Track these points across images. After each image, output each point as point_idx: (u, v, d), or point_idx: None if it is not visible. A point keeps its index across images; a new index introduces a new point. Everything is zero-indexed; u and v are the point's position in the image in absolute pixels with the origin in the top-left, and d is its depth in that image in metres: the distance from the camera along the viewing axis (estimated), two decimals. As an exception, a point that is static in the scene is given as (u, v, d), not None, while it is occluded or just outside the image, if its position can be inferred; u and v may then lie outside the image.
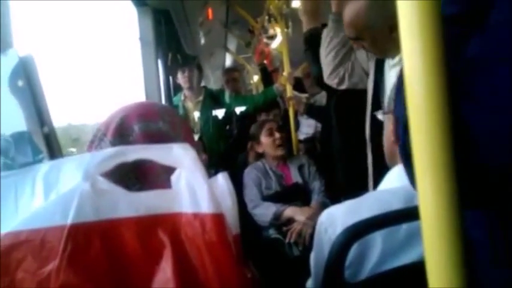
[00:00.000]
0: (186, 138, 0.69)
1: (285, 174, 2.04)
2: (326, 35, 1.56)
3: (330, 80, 1.61)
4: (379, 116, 0.95)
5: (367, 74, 1.51)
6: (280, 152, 2.05)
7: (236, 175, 2.08)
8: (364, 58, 1.53)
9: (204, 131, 2.63)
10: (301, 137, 2.59)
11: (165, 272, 0.48)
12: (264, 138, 2.08)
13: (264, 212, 1.87)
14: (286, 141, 2.10)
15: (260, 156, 2.15)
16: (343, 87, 1.59)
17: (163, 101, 2.75)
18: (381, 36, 1.19)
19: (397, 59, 1.26)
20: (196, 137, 1.94)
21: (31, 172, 0.56)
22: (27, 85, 0.82)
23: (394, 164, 0.83)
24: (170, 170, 0.55)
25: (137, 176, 0.62)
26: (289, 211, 1.84)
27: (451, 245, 0.35)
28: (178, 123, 0.70)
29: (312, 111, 2.46)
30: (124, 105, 0.70)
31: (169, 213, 0.52)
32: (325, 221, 0.79)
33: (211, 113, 2.68)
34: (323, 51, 1.58)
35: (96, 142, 0.66)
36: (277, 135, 2.06)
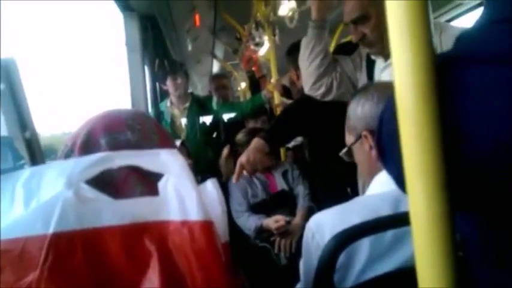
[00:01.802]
0: (162, 143, 0.65)
1: (269, 181, 2.03)
2: (307, 44, 1.46)
3: (313, 91, 1.48)
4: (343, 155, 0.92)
5: (353, 86, 1.46)
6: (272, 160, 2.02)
7: (224, 182, 2.05)
8: (350, 69, 1.47)
9: (191, 137, 2.60)
10: (290, 144, 2.58)
11: (151, 282, 0.46)
12: None
13: (245, 224, 1.88)
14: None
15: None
16: (329, 98, 1.47)
17: (149, 108, 2.72)
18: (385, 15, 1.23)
19: (388, 61, 1.26)
20: (178, 142, 1.90)
21: (11, 179, 0.54)
22: (8, 89, 0.80)
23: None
24: (156, 176, 0.53)
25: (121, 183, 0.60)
26: (266, 222, 1.84)
27: (442, 251, 0.35)
28: (150, 130, 0.66)
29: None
30: (89, 117, 0.66)
31: (156, 221, 0.50)
32: (313, 227, 0.79)
33: (198, 119, 2.67)
34: (304, 61, 1.48)
35: (62, 159, 0.62)
36: None
